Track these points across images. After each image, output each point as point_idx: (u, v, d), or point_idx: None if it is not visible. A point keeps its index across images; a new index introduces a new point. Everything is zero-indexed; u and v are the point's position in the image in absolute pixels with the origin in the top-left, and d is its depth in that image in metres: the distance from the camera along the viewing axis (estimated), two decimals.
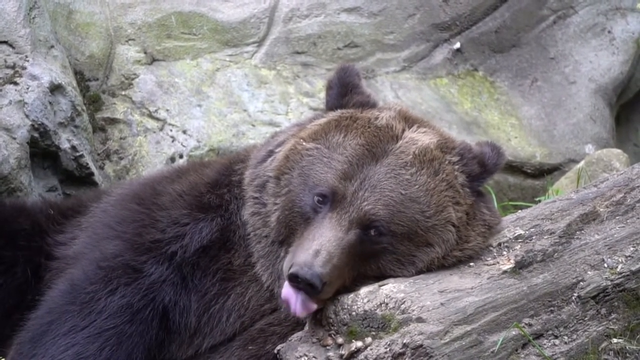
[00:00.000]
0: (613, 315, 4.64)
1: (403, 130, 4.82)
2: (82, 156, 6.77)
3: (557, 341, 4.55)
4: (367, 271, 4.62)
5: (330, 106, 5.07)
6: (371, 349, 4.40)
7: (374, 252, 4.59)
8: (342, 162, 4.68)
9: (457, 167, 4.77)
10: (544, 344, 4.52)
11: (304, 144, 4.84)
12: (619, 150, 8.12)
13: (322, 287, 4.40)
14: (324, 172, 4.68)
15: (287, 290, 4.50)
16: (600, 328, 4.61)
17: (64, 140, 6.66)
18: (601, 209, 4.94)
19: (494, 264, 4.67)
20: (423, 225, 4.61)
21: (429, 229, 4.62)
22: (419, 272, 4.63)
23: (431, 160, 4.72)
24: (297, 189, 4.72)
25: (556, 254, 4.72)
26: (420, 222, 4.61)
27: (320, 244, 4.47)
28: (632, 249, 4.74)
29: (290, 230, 4.70)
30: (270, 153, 4.98)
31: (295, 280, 4.39)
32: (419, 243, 4.62)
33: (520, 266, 4.64)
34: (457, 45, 9.01)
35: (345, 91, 5.05)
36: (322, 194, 4.62)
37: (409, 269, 4.62)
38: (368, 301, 4.48)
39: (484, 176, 4.83)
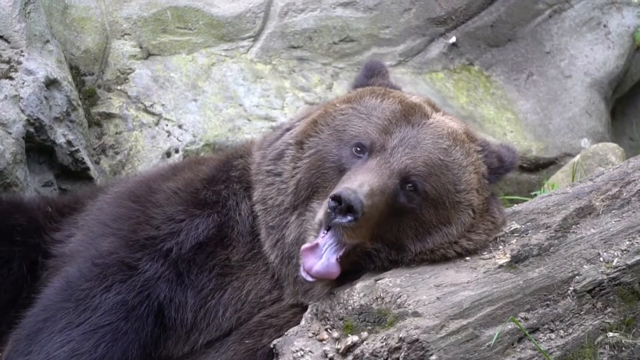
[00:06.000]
0: (609, 309, 4.65)
1: (432, 113, 4.93)
2: (77, 151, 6.76)
3: (553, 335, 4.56)
4: (386, 232, 4.63)
5: (357, 85, 5.20)
6: (367, 344, 4.40)
7: (402, 211, 4.61)
8: (382, 118, 4.78)
9: (480, 156, 4.88)
10: (540, 338, 4.53)
11: (337, 105, 4.89)
12: (614, 144, 8.13)
13: (362, 216, 4.38)
14: (362, 126, 4.77)
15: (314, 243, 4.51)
16: (596, 322, 4.62)
17: (60, 135, 6.64)
18: (597, 203, 4.94)
19: (490, 258, 4.68)
20: (452, 198, 4.69)
21: (454, 204, 4.70)
22: (422, 254, 4.66)
23: (462, 142, 4.84)
24: (328, 147, 4.77)
25: (552, 248, 4.73)
26: (450, 193, 4.69)
27: (363, 180, 4.49)
28: (627, 242, 4.75)
29: (314, 189, 4.73)
30: (288, 129, 5.03)
31: (338, 201, 4.37)
32: (441, 217, 4.68)
33: (516, 260, 4.64)
34: (453, 39, 9.00)
35: (372, 74, 5.20)
36: (361, 144, 4.69)
37: (417, 246, 4.66)
38: (364, 295, 4.49)
39: (501, 171, 4.96)
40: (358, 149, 4.69)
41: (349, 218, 4.39)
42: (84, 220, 5.32)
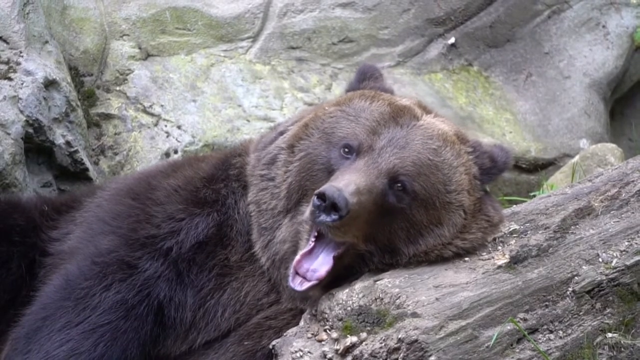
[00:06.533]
0: (608, 310, 4.65)
1: (422, 115, 4.92)
2: (76, 152, 6.76)
3: (552, 336, 4.55)
4: (377, 233, 4.61)
5: (350, 88, 5.20)
6: (366, 344, 4.40)
7: (392, 211, 4.60)
8: (370, 120, 4.77)
9: (471, 157, 4.86)
10: (539, 339, 4.53)
11: (326, 109, 4.90)
12: (613, 145, 8.13)
13: (346, 214, 4.37)
14: (350, 128, 4.76)
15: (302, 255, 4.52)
16: (595, 322, 4.62)
17: (59, 135, 6.64)
18: (596, 204, 4.94)
19: (489, 259, 4.68)
20: (442, 198, 4.68)
21: (444, 205, 4.68)
22: (416, 256, 4.65)
23: (453, 143, 4.82)
24: (318, 149, 4.77)
25: (551, 248, 4.73)
26: (440, 193, 4.67)
27: (350, 179, 4.48)
28: (626, 243, 4.75)
29: (304, 192, 4.72)
30: (281, 133, 5.04)
31: (322, 198, 4.37)
32: (431, 218, 4.66)
33: (515, 261, 4.64)
34: (452, 40, 9.01)
35: (364, 77, 5.20)
36: (349, 145, 4.69)
37: (410, 248, 4.65)
38: (363, 296, 4.49)
39: (494, 172, 4.93)
40: (346, 150, 4.69)
41: (334, 217, 4.38)
42: (82, 217, 5.32)
